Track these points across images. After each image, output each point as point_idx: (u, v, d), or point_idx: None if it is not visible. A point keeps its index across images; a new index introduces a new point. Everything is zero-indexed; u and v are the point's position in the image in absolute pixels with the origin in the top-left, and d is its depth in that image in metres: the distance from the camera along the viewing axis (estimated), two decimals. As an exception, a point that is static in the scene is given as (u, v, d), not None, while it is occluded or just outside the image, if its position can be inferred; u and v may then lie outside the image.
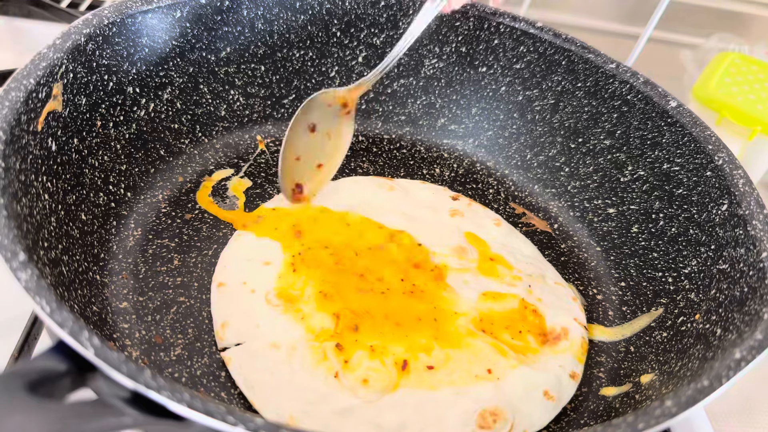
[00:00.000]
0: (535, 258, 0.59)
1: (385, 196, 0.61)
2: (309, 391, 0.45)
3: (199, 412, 0.29)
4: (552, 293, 0.55)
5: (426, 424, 0.44)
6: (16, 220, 0.37)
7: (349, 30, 0.66)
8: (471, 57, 0.67)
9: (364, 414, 0.44)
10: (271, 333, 0.48)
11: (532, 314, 0.52)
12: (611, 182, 0.62)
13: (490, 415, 0.45)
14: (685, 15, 1.02)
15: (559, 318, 0.53)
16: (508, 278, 0.55)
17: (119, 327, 0.48)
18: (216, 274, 0.53)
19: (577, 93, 0.63)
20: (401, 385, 0.46)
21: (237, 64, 0.64)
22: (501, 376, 0.47)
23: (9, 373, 0.29)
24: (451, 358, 0.48)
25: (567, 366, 0.50)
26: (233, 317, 0.49)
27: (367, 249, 0.55)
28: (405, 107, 0.70)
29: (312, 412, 0.43)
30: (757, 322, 0.40)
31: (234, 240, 0.55)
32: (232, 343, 0.48)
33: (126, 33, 0.54)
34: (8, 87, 0.42)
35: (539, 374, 0.48)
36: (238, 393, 0.46)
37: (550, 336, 0.51)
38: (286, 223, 0.57)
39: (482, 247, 0.58)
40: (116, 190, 0.55)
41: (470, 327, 0.50)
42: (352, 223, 0.57)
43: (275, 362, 0.46)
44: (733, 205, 0.50)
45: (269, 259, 0.53)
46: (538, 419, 0.46)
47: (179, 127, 0.62)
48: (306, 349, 0.47)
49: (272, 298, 0.50)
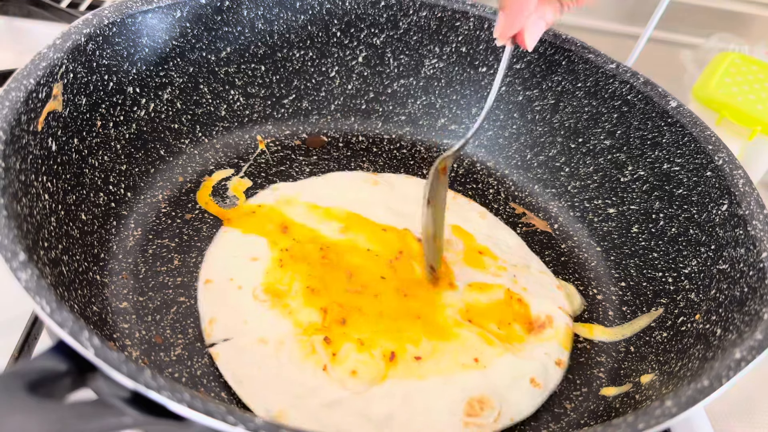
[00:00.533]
0: (519, 248, 0.60)
1: (371, 190, 0.62)
2: (297, 385, 0.45)
3: (199, 412, 0.29)
4: (536, 282, 0.56)
5: (414, 414, 0.44)
6: (16, 220, 0.37)
7: (349, 30, 0.66)
8: (471, 57, 0.67)
9: (353, 405, 0.44)
10: (259, 328, 0.48)
11: (518, 303, 0.53)
12: (611, 182, 0.62)
13: (477, 403, 0.46)
14: (685, 15, 1.02)
15: (543, 306, 0.53)
16: (494, 269, 0.56)
17: (119, 327, 0.48)
18: (203, 271, 0.53)
19: (577, 93, 0.63)
20: (389, 376, 0.46)
21: (237, 64, 0.64)
22: (488, 365, 0.48)
23: (9, 373, 0.29)
24: (438, 349, 0.48)
25: (553, 353, 0.50)
26: (220, 313, 0.49)
27: (356, 245, 0.55)
28: (405, 107, 0.70)
29: (301, 405, 0.44)
30: (757, 322, 0.40)
31: (220, 237, 0.55)
32: (219, 338, 0.48)
33: (126, 33, 0.54)
34: (8, 87, 0.42)
35: (525, 362, 0.49)
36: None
37: (535, 324, 0.52)
38: (272, 219, 0.57)
39: (468, 239, 0.58)
40: (116, 190, 0.55)
41: (457, 317, 0.51)
42: (340, 218, 0.58)
43: (263, 357, 0.46)
44: (733, 205, 0.50)
45: (256, 255, 0.53)
46: (525, 407, 0.47)
47: (179, 127, 0.62)
48: (294, 343, 0.47)
49: (259, 293, 0.50)
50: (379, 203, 0.60)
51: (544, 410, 0.48)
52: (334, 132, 0.69)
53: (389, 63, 0.68)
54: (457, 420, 0.45)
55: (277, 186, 0.61)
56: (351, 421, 0.44)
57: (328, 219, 0.57)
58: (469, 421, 0.45)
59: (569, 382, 0.51)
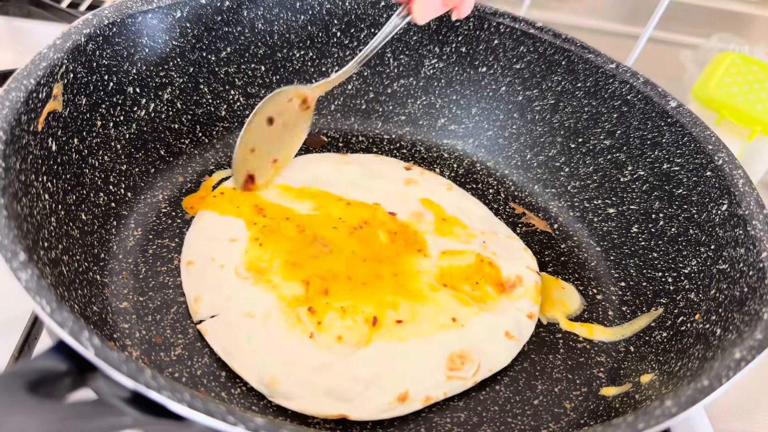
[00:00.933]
0: (487, 217, 0.63)
1: (342, 169, 0.63)
2: (287, 352, 0.47)
3: (200, 412, 0.29)
4: (505, 247, 0.59)
5: (400, 371, 0.47)
6: (16, 220, 0.37)
7: (349, 30, 0.66)
8: (471, 57, 0.67)
9: (341, 368, 0.46)
10: (244, 303, 0.50)
11: (489, 266, 0.56)
12: (611, 182, 0.62)
13: (458, 357, 0.49)
14: (685, 15, 1.02)
15: (513, 268, 0.56)
16: (464, 236, 0.59)
17: (119, 327, 0.48)
18: (183, 254, 0.54)
19: (577, 93, 0.63)
20: (373, 339, 0.48)
21: (237, 64, 0.64)
22: (465, 323, 0.51)
23: (9, 373, 0.29)
24: (417, 312, 0.51)
25: (524, 308, 0.54)
26: (205, 291, 0.50)
27: (330, 220, 0.57)
28: (405, 107, 0.70)
29: (291, 371, 0.46)
30: (757, 322, 0.40)
31: (198, 220, 0.56)
32: (207, 315, 0.49)
33: (126, 33, 0.54)
34: (8, 87, 0.42)
35: (499, 317, 0.52)
36: (239, 393, 0.46)
37: (506, 285, 0.55)
38: (247, 202, 0.58)
39: (438, 210, 0.61)
40: (116, 190, 0.55)
41: (433, 282, 0.54)
42: (313, 196, 0.59)
43: (251, 328, 0.48)
44: (732, 205, 0.50)
45: (234, 236, 0.54)
46: (502, 358, 0.50)
47: (179, 127, 0.62)
48: (280, 315, 0.49)
49: (242, 271, 0.52)
50: (350, 182, 0.62)
51: (544, 410, 0.48)
52: (334, 132, 0.69)
53: (389, 63, 0.68)
54: (440, 373, 0.48)
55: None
56: (341, 382, 0.46)
57: (301, 199, 0.59)
58: (451, 375, 0.48)
59: (569, 382, 0.51)
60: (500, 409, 0.48)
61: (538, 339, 0.53)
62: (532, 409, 0.48)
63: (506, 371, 0.51)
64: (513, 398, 0.49)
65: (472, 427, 0.47)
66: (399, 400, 0.46)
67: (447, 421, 0.47)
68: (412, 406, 0.46)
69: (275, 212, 0.57)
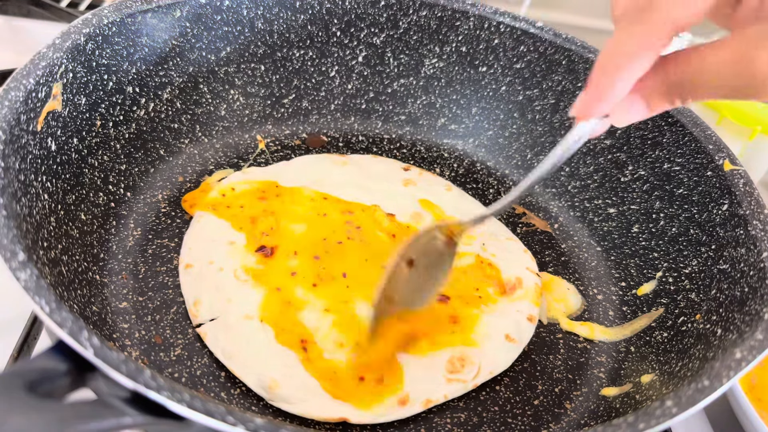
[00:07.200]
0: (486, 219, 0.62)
1: (340, 170, 0.63)
2: (286, 355, 0.47)
3: (199, 412, 0.29)
4: (504, 248, 0.59)
5: (399, 374, 0.47)
6: (15, 219, 0.37)
7: (349, 30, 0.66)
8: (471, 57, 0.67)
9: (341, 371, 0.46)
10: (243, 306, 0.49)
11: (489, 268, 0.56)
12: (612, 182, 0.62)
13: (458, 360, 0.49)
14: (685, 15, 1.02)
15: (513, 269, 0.56)
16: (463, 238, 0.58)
17: (119, 327, 0.48)
18: (182, 256, 0.54)
19: (578, 93, 0.63)
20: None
21: (237, 64, 0.64)
22: (465, 326, 0.51)
23: (9, 373, 0.29)
24: (417, 314, 0.50)
25: (524, 310, 0.54)
26: (204, 295, 0.50)
27: (329, 222, 0.57)
28: (405, 107, 0.70)
29: (292, 374, 0.46)
30: (757, 322, 0.40)
31: (196, 222, 0.56)
32: (206, 318, 0.49)
33: (126, 33, 0.54)
34: (8, 87, 0.42)
35: (499, 320, 0.52)
36: (238, 393, 0.46)
37: (506, 286, 0.55)
38: (246, 207, 0.57)
39: (436, 211, 0.61)
40: (116, 189, 0.55)
41: None
42: (310, 199, 0.59)
43: (250, 331, 0.48)
44: (733, 205, 0.50)
45: (233, 238, 0.54)
46: (502, 361, 0.50)
47: (179, 126, 0.62)
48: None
49: (240, 273, 0.52)
50: (348, 183, 0.62)
51: (544, 410, 0.48)
52: (334, 132, 0.69)
53: (389, 62, 0.68)
54: (441, 376, 0.48)
55: (248, 170, 0.62)
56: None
57: (299, 200, 0.59)
58: (452, 378, 0.48)
59: (569, 383, 0.51)
60: (500, 410, 0.48)
61: (538, 339, 0.53)
62: (533, 410, 0.48)
63: (506, 372, 0.50)
64: (513, 398, 0.49)
65: (472, 428, 0.47)
66: (399, 403, 0.45)
67: (447, 422, 0.47)
68: (412, 409, 0.46)
69: (273, 218, 0.57)
